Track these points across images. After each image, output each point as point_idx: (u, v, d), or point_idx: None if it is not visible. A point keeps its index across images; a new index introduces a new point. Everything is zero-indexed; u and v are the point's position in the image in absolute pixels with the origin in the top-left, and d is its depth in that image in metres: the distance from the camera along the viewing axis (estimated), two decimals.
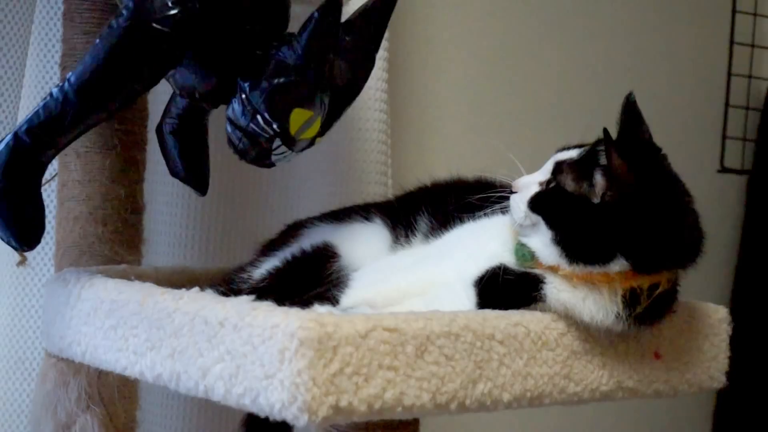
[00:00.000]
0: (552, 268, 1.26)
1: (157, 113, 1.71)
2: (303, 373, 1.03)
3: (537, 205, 1.27)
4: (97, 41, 1.30)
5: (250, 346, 1.08)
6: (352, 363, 1.06)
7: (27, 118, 1.31)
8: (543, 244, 1.26)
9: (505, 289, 1.27)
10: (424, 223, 1.45)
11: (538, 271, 1.27)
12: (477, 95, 2.45)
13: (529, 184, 1.29)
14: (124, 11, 1.29)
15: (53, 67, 1.85)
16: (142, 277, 1.42)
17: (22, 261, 1.66)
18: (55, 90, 1.30)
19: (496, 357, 1.17)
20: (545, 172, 1.30)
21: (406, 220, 1.47)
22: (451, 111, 2.42)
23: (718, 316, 1.40)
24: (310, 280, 1.42)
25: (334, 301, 1.33)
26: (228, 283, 1.48)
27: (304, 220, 1.58)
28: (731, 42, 2.87)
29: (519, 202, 1.29)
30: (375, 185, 2.09)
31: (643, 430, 2.77)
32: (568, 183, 1.26)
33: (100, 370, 1.46)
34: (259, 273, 1.47)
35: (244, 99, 1.31)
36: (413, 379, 1.10)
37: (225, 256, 1.97)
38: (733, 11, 2.87)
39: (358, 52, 1.40)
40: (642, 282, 1.23)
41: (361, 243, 1.46)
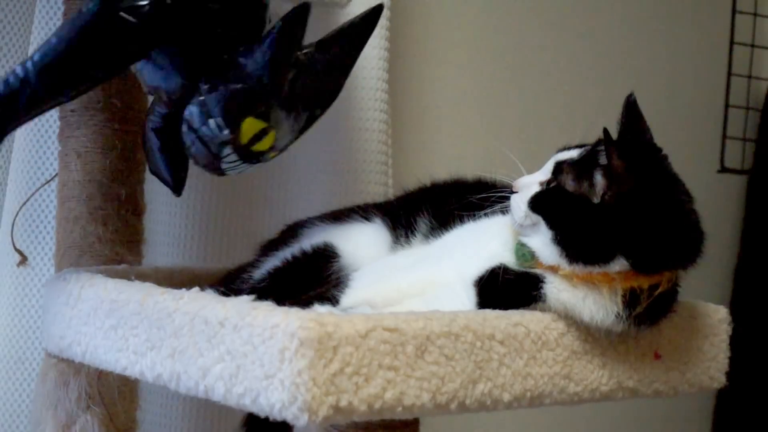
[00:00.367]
0: (552, 268, 1.26)
1: None
2: (303, 373, 1.03)
3: (537, 204, 1.27)
4: (65, 23, 1.30)
5: (251, 346, 1.08)
6: (353, 363, 1.06)
7: None
8: (543, 244, 1.26)
9: (505, 289, 1.27)
10: (423, 224, 1.45)
11: (538, 270, 1.27)
12: (477, 95, 2.45)
13: (530, 184, 1.29)
14: None
15: None
16: (142, 277, 1.42)
17: (23, 261, 1.66)
18: (18, 67, 1.29)
19: (496, 357, 1.17)
20: (545, 172, 1.30)
21: (406, 220, 1.47)
22: (451, 111, 2.42)
23: (718, 316, 1.40)
24: (310, 280, 1.42)
25: (334, 301, 1.33)
26: (228, 283, 1.48)
27: (304, 220, 1.58)
28: (731, 42, 2.87)
29: (519, 202, 1.29)
30: (375, 185, 2.09)
31: (643, 430, 2.77)
32: (569, 183, 1.26)
33: (101, 370, 1.46)
34: (259, 273, 1.47)
35: (201, 101, 1.31)
36: (413, 379, 1.10)
37: (225, 256, 1.98)
38: (733, 11, 2.87)
39: (327, 73, 1.38)
40: (642, 282, 1.23)
41: (361, 243, 1.46)
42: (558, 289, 1.25)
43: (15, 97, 1.29)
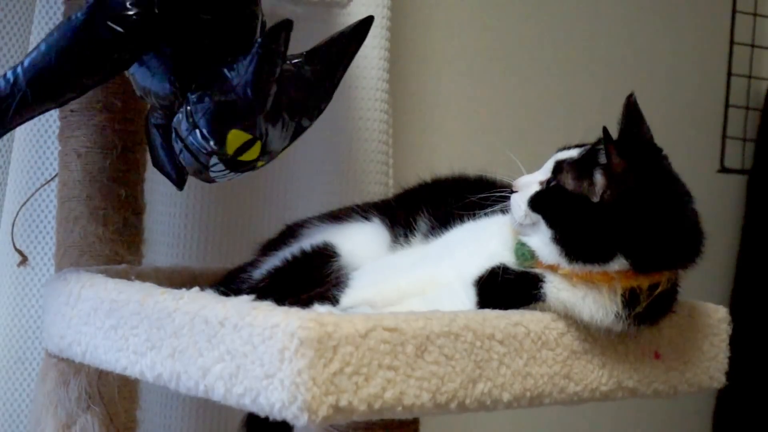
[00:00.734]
0: (552, 268, 1.26)
1: None
2: (303, 372, 1.03)
3: (537, 204, 1.27)
4: (54, 31, 1.30)
5: (250, 346, 1.08)
6: (352, 363, 1.06)
7: None
8: (543, 243, 1.26)
9: (504, 288, 1.27)
10: (423, 223, 1.45)
11: (537, 270, 1.27)
12: (477, 95, 2.45)
13: (530, 184, 1.29)
14: (84, 4, 1.29)
15: None
16: (142, 276, 1.42)
17: (23, 261, 1.66)
18: (9, 72, 1.30)
19: (496, 357, 1.17)
20: (545, 172, 1.30)
21: (405, 219, 1.47)
22: (452, 111, 2.42)
23: (718, 316, 1.40)
24: (310, 280, 1.42)
25: (334, 300, 1.33)
26: (228, 283, 1.48)
27: (304, 220, 1.58)
28: (731, 42, 2.87)
29: (519, 201, 1.29)
30: (375, 185, 2.09)
31: (643, 430, 2.77)
32: (569, 182, 1.26)
33: (101, 370, 1.46)
34: (259, 273, 1.47)
35: (189, 111, 1.31)
36: (413, 378, 1.10)
37: (225, 256, 1.97)
38: (733, 11, 2.87)
39: (316, 84, 1.38)
40: (642, 281, 1.23)
41: (360, 242, 1.46)
42: (558, 289, 1.25)
43: (5, 101, 1.30)
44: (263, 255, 1.52)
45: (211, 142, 1.30)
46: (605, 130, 1.22)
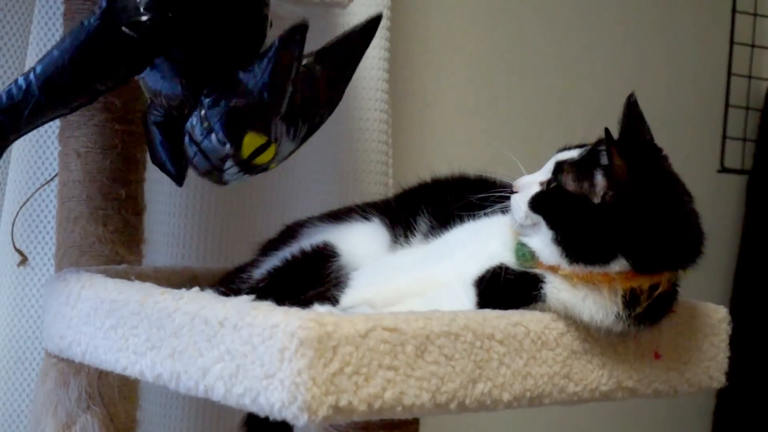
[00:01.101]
0: (552, 268, 1.26)
1: None
2: (303, 372, 1.03)
3: (538, 204, 1.27)
4: (67, 36, 1.30)
5: (250, 346, 1.08)
6: (352, 363, 1.06)
7: None
8: (543, 244, 1.26)
9: (504, 288, 1.27)
10: (423, 223, 1.45)
11: (538, 270, 1.27)
12: (477, 95, 2.45)
13: (530, 184, 1.29)
14: (97, 10, 1.29)
15: None
16: (142, 277, 1.42)
17: (23, 261, 1.66)
18: (21, 78, 1.30)
19: (495, 357, 1.17)
20: (546, 172, 1.30)
21: (405, 219, 1.47)
22: (452, 111, 2.42)
23: (718, 316, 1.40)
24: (310, 280, 1.42)
25: (333, 300, 1.33)
26: (228, 283, 1.48)
27: (304, 220, 1.58)
28: (731, 42, 2.87)
29: (520, 202, 1.29)
30: (375, 185, 2.09)
31: (643, 430, 2.77)
32: (569, 183, 1.26)
33: (101, 370, 1.46)
34: (258, 273, 1.47)
35: (203, 115, 1.31)
36: (413, 378, 1.10)
37: (225, 256, 1.97)
38: (733, 11, 2.87)
39: (327, 83, 1.38)
40: (642, 282, 1.23)
41: (360, 242, 1.46)
42: (558, 289, 1.25)
43: (18, 107, 1.30)
44: (263, 255, 1.52)
45: (227, 146, 1.30)
46: (607, 131, 1.22)
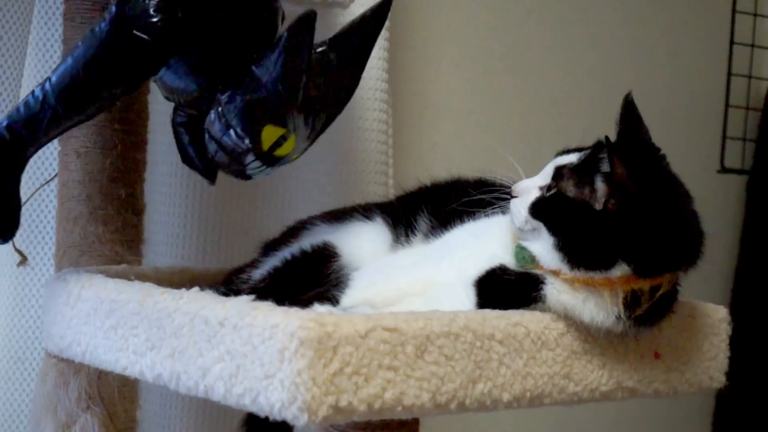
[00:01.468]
0: (553, 272, 1.25)
1: (156, 113, 1.71)
2: (303, 372, 1.03)
3: (538, 211, 1.27)
4: (79, 44, 1.31)
5: (250, 346, 1.08)
6: (352, 363, 1.06)
7: (8, 115, 1.32)
8: (545, 250, 1.25)
9: (505, 289, 1.27)
10: (424, 223, 1.45)
11: (538, 271, 1.27)
12: (477, 95, 2.46)
13: (530, 189, 1.29)
14: (107, 16, 1.30)
15: (52, 68, 1.84)
16: (142, 277, 1.42)
17: (22, 261, 1.66)
18: (37, 89, 1.31)
19: (495, 357, 1.17)
20: (545, 177, 1.29)
21: (406, 219, 1.47)
22: (451, 111, 2.42)
23: (718, 316, 1.40)
24: (310, 280, 1.42)
25: (334, 300, 1.33)
26: (228, 284, 1.48)
27: (305, 220, 1.57)
28: (731, 42, 2.87)
29: (519, 207, 1.28)
30: (375, 185, 2.09)
31: (643, 430, 2.77)
32: (570, 189, 1.25)
33: (101, 370, 1.46)
34: (258, 273, 1.47)
35: (220, 111, 1.32)
36: (413, 378, 1.10)
37: (225, 256, 1.98)
38: (733, 11, 2.87)
39: (342, 70, 1.38)
40: (643, 285, 1.22)
41: (361, 242, 1.46)
42: (558, 291, 1.25)
43: (36, 118, 1.31)
44: (263, 255, 1.52)
45: (246, 140, 1.31)
46: (607, 139, 1.22)
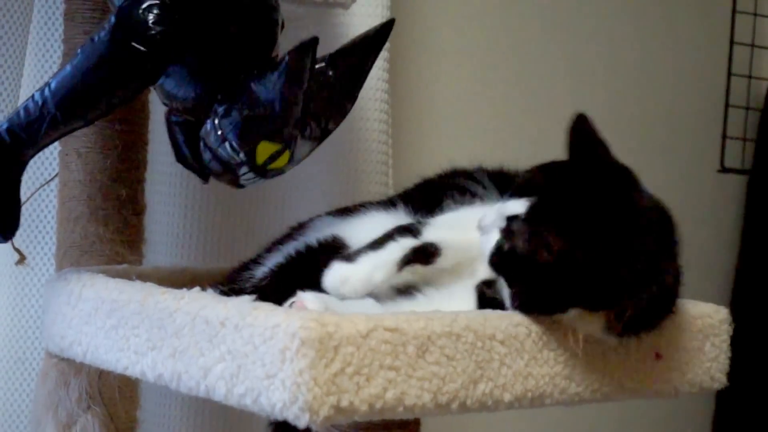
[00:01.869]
0: None
1: (156, 113, 1.71)
2: (304, 372, 1.03)
3: (494, 265, 1.25)
4: (79, 52, 1.32)
5: (252, 346, 1.08)
6: (354, 363, 1.06)
7: (8, 118, 1.34)
8: (505, 290, 1.26)
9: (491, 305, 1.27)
10: (449, 208, 1.42)
11: None
12: (478, 95, 2.46)
13: (491, 227, 1.26)
14: (106, 25, 1.31)
15: (52, 67, 1.85)
16: (143, 276, 1.42)
17: (21, 260, 1.66)
18: (37, 93, 1.32)
19: (497, 357, 1.17)
20: (501, 217, 1.26)
21: (429, 205, 1.44)
22: (451, 111, 2.42)
23: (718, 317, 1.40)
24: (316, 276, 1.40)
25: (416, 233, 1.31)
26: (230, 282, 1.47)
27: (311, 218, 1.55)
28: (731, 42, 2.87)
29: (484, 248, 1.26)
30: (375, 185, 2.09)
31: (643, 430, 2.77)
32: (519, 245, 1.22)
33: (101, 370, 1.46)
34: (261, 271, 1.45)
35: (217, 123, 1.32)
36: (414, 379, 1.10)
37: (225, 256, 1.98)
38: (733, 11, 2.87)
39: (340, 87, 1.39)
40: (602, 315, 1.22)
41: (374, 232, 1.43)
42: None
43: (35, 123, 1.32)
44: (267, 251, 1.51)
45: (241, 154, 1.31)
46: (541, 197, 1.21)
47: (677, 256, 1.28)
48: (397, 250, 1.29)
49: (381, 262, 1.29)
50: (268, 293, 1.22)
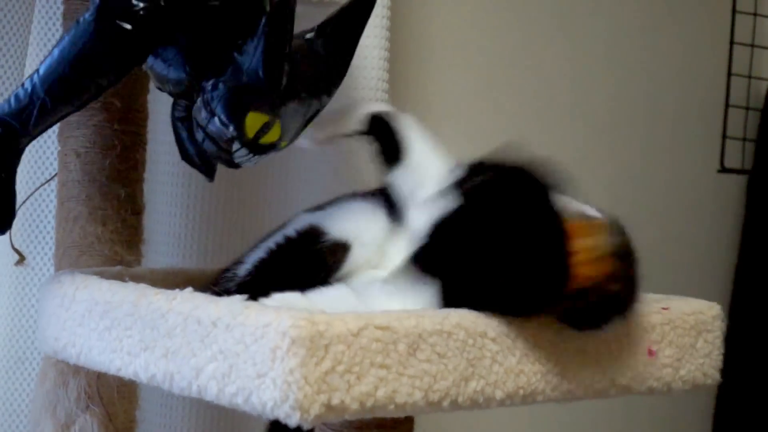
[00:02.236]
0: None
1: (156, 113, 1.71)
2: (295, 371, 1.03)
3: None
4: (65, 36, 1.31)
5: (243, 345, 1.09)
6: (344, 361, 1.06)
7: None
8: None
9: None
10: None
11: None
12: (478, 94, 2.46)
13: None
14: (91, 6, 1.30)
15: None
16: (137, 278, 1.42)
17: (20, 260, 1.67)
18: (27, 81, 1.31)
19: (488, 354, 1.18)
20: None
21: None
22: (452, 110, 2.42)
23: (711, 313, 1.40)
24: (298, 265, 1.40)
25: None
26: (216, 284, 1.47)
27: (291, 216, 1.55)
28: (731, 42, 2.87)
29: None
30: (375, 185, 2.09)
31: (643, 430, 2.77)
32: None
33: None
34: (244, 268, 1.45)
35: (205, 99, 1.32)
36: (405, 377, 1.10)
37: (224, 257, 1.97)
38: (733, 11, 2.87)
39: (330, 57, 1.38)
40: None
41: (351, 220, 1.43)
42: None
43: (26, 110, 1.31)
44: (249, 250, 1.51)
45: (231, 128, 1.31)
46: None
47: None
48: None
49: None
50: (252, 289, 1.22)
